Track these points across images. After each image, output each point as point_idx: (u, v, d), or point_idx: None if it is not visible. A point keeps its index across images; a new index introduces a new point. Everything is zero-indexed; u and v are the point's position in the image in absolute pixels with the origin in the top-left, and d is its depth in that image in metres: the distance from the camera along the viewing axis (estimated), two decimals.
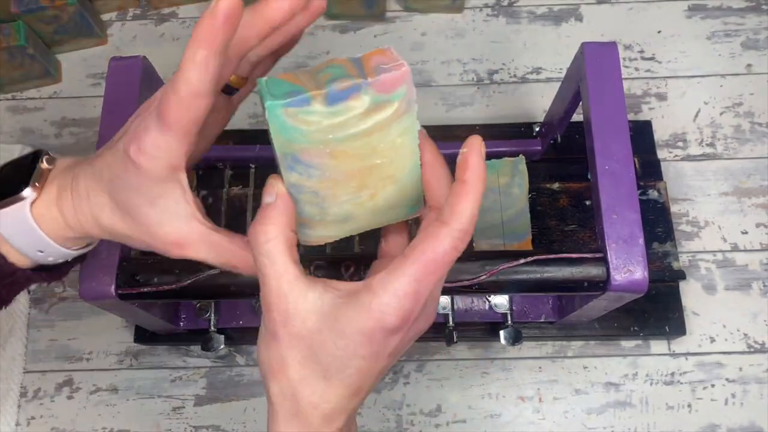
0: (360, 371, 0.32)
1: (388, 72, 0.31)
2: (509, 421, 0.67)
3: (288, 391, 0.33)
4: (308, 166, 0.33)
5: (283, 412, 0.33)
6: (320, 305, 0.32)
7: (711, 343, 0.69)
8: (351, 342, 0.31)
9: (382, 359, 0.32)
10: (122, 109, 0.52)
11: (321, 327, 0.31)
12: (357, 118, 0.32)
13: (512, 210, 0.68)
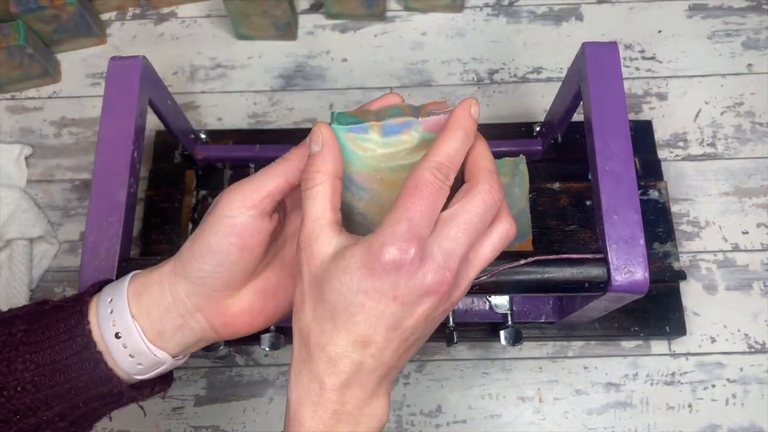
0: (364, 311, 0.33)
1: (437, 114, 0.36)
2: (509, 421, 0.67)
3: (304, 331, 0.34)
4: (360, 188, 0.37)
5: (297, 354, 0.35)
6: (337, 248, 0.34)
7: (711, 343, 0.69)
8: (353, 276, 0.32)
9: (386, 300, 0.32)
10: (122, 109, 0.52)
11: (330, 266, 0.33)
12: (407, 152, 0.36)
13: (513, 210, 0.68)
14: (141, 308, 0.37)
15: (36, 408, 0.35)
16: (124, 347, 0.36)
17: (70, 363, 0.35)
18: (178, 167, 0.72)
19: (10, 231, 0.70)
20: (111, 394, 0.37)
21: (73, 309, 0.37)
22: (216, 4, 0.84)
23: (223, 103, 0.79)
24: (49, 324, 0.36)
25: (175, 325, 0.37)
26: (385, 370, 0.34)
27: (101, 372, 0.36)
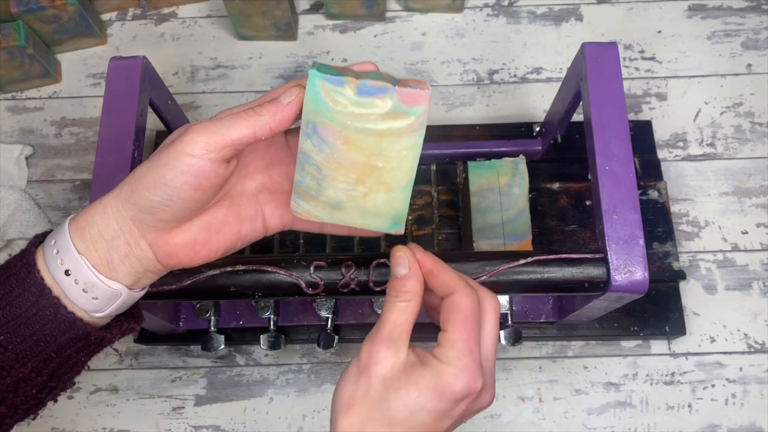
0: (423, 426, 0.36)
1: (413, 89, 0.36)
2: (509, 421, 0.67)
3: (356, 428, 0.36)
4: (322, 141, 0.37)
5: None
6: (406, 362, 0.37)
7: (711, 343, 0.69)
8: (422, 396, 0.36)
9: (445, 420, 0.36)
10: (122, 109, 0.52)
11: (401, 378, 0.36)
12: (376, 117, 0.36)
13: (512, 210, 0.68)
14: (86, 242, 0.37)
15: (9, 367, 0.36)
16: (76, 283, 0.36)
17: (30, 315, 0.36)
18: None
19: (11, 231, 0.70)
20: (79, 338, 0.37)
21: (21, 262, 0.37)
22: (216, 4, 0.84)
23: (223, 103, 0.79)
24: (0, 282, 0.36)
25: (122, 253, 0.37)
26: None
27: (62, 316, 0.36)
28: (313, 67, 0.36)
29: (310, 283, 0.47)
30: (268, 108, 0.37)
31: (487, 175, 0.67)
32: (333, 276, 0.47)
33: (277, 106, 0.37)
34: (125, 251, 0.37)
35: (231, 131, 0.36)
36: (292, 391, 0.68)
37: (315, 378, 0.69)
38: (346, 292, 0.47)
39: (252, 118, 0.36)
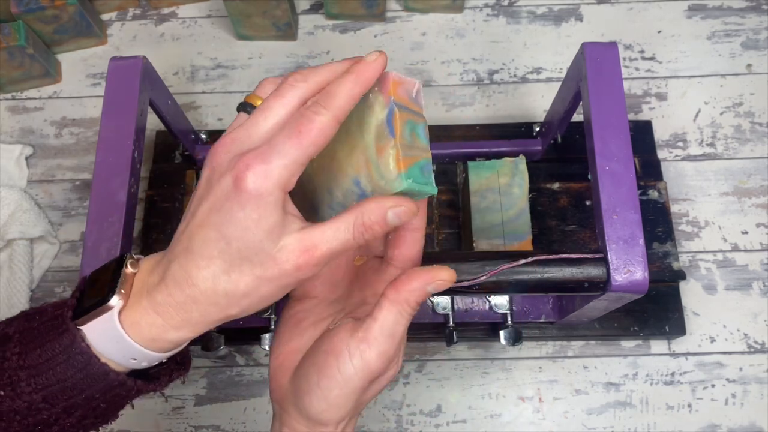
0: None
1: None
2: (509, 421, 0.67)
3: None
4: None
5: None
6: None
7: (711, 343, 0.69)
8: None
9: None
10: (122, 109, 0.52)
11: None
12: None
13: (512, 210, 0.68)
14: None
15: (57, 418, 0.35)
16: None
17: (77, 379, 0.34)
18: (178, 167, 0.73)
19: (11, 231, 0.70)
20: (127, 392, 0.36)
21: (61, 328, 0.35)
22: (216, 4, 0.84)
23: (223, 103, 0.79)
24: (42, 345, 0.34)
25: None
26: None
27: (112, 380, 0.35)
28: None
29: None
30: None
31: (487, 175, 0.67)
32: None
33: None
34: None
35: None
36: None
37: None
38: None
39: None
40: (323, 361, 0.36)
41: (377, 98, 0.34)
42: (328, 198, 0.37)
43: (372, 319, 0.35)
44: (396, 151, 0.33)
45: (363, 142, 0.35)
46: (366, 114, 0.34)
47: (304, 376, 0.37)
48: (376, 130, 0.34)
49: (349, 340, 0.35)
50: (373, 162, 0.34)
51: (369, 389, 0.36)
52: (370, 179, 0.34)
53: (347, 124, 0.35)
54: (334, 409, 0.36)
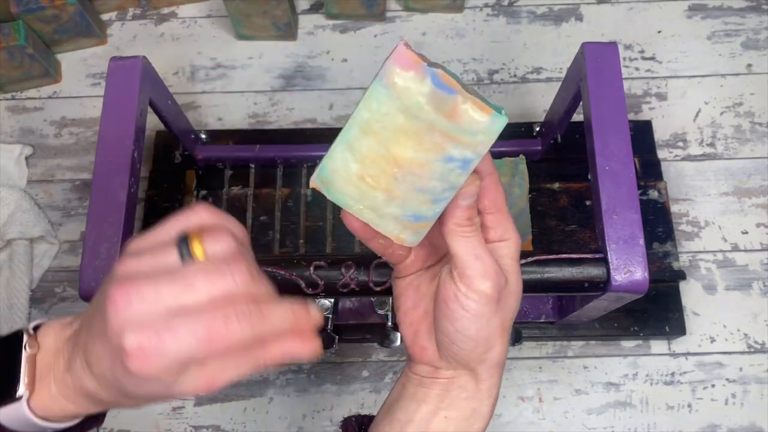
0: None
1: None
2: (509, 421, 0.67)
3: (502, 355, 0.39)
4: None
5: None
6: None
7: (711, 343, 0.69)
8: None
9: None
10: (122, 109, 0.52)
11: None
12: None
13: (512, 210, 0.68)
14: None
15: None
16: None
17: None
18: (178, 167, 0.73)
19: (11, 231, 0.70)
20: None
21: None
22: (216, 4, 0.84)
23: (223, 103, 0.79)
24: None
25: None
26: None
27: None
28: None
29: (310, 282, 0.47)
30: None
31: None
32: (333, 276, 0.47)
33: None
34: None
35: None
36: (292, 391, 0.68)
37: (315, 378, 0.69)
38: (346, 292, 0.47)
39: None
40: (449, 310, 0.37)
41: (405, 76, 0.32)
42: (424, 196, 0.35)
43: (453, 256, 0.36)
44: (471, 102, 0.32)
45: (425, 124, 0.33)
46: (405, 98, 0.32)
47: (442, 330, 0.38)
48: (431, 101, 0.32)
49: (452, 281, 0.36)
50: (453, 128, 0.33)
51: (501, 309, 0.37)
52: (462, 144, 0.33)
53: (387, 127, 0.33)
54: (483, 343, 0.37)
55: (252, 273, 0.31)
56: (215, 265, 0.31)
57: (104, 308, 0.30)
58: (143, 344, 0.29)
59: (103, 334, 0.30)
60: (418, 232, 0.37)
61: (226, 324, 0.30)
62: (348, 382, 0.68)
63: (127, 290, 0.30)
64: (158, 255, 0.31)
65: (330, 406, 0.68)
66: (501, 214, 0.37)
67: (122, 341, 0.29)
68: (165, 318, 0.30)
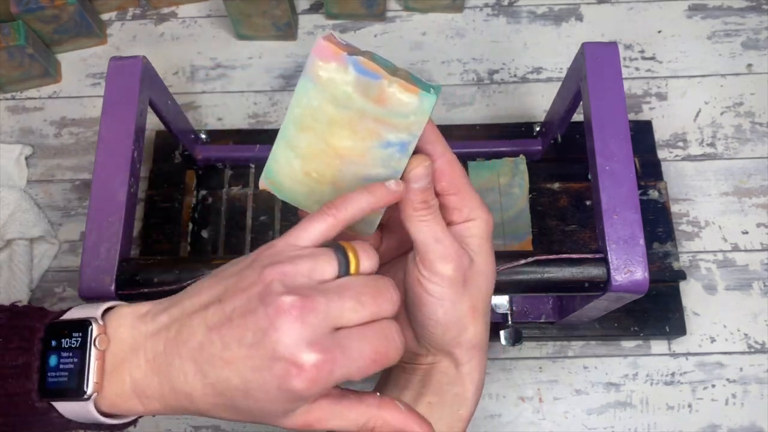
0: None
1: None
2: (509, 421, 0.67)
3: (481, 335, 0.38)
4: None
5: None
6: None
7: (711, 343, 0.69)
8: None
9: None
10: (122, 109, 0.52)
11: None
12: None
13: (512, 210, 0.68)
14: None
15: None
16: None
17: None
18: (178, 167, 0.73)
19: (11, 231, 0.70)
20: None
21: (25, 406, 0.33)
22: (216, 4, 0.84)
23: (223, 103, 0.79)
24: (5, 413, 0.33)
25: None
26: None
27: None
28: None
29: None
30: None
31: (487, 175, 0.67)
32: None
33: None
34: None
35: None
36: None
37: None
38: None
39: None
40: (414, 296, 0.36)
41: (328, 68, 0.32)
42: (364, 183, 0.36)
43: (414, 241, 0.36)
44: (397, 84, 0.32)
45: (355, 112, 0.33)
46: (332, 90, 0.33)
47: (411, 316, 0.37)
48: (357, 89, 0.33)
49: (415, 266, 0.36)
50: (384, 113, 0.33)
51: (468, 291, 0.36)
52: (395, 127, 0.33)
53: (319, 120, 0.34)
54: (454, 327, 0.36)
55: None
56: (377, 285, 0.31)
57: (269, 318, 0.29)
58: (319, 362, 0.29)
59: (255, 343, 0.29)
60: (371, 221, 0.37)
61: (387, 344, 0.30)
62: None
63: (303, 303, 0.29)
64: (317, 263, 0.31)
65: None
66: (463, 194, 0.36)
67: (297, 357, 0.28)
68: (333, 335, 0.30)
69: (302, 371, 0.29)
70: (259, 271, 0.31)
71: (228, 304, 0.31)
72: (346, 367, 0.30)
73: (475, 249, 0.37)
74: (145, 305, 0.34)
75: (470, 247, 0.37)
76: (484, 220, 0.37)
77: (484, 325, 0.37)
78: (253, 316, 0.29)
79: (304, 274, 0.31)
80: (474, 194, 0.37)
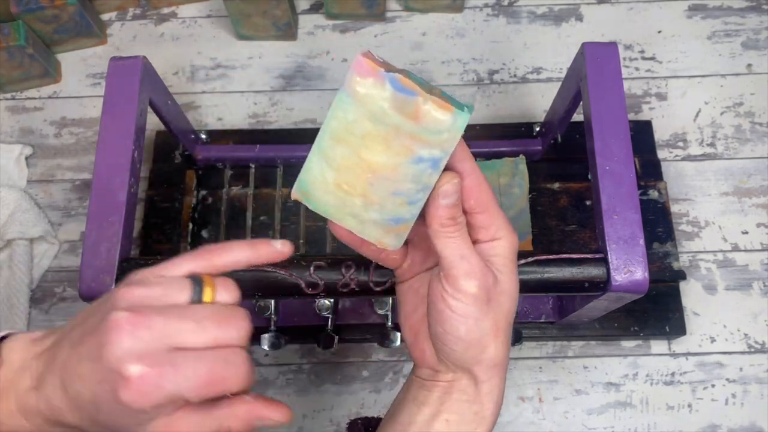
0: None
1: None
2: (509, 421, 0.67)
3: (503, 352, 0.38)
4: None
5: None
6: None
7: (711, 343, 0.69)
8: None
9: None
10: (122, 109, 0.52)
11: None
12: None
13: (512, 210, 0.68)
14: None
15: None
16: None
17: None
18: (178, 167, 0.73)
19: (11, 231, 0.70)
20: None
21: None
22: (216, 4, 0.84)
23: (223, 103, 0.79)
24: None
25: None
26: None
27: None
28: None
29: (310, 283, 0.47)
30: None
31: (487, 175, 0.67)
32: (333, 276, 0.47)
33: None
34: None
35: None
36: (292, 391, 0.68)
37: (315, 378, 0.69)
38: (346, 292, 0.47)
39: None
40: (437, 312, 0.37)
41: (365, 83, 0.33)
42: (400, 199, 0.36)
43: (440, 257, 0.36)
44: (432, 101, 0.33)
45: (390, 127, 0.33)
46: (368, 105, 0.33)
47: (433, 332, 0.38)
48: (393, 105, 0.33)
49: (439, 281, 0.36)
50: (418, 129, 0.33)
51: (492, 309, 0.36)
52: (429, 144, 0.34)
53: (354, 134, 0.34)
54: (475, 345, 0.37)
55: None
56: (224, 312, 0.32)
57: (104, 332, 0.30)
58: (145, 375, 0.29)
59: (96, 357, 0.30)
60: (399, 235, 0.37)
61: (226, 369, 0.31)
62: (348, 382, 0.68)
63: (135, 319, 0.30)
64: (169, 289, 0.32)
65: (330, 406, 0.68)
66: (490, 213, 0.37)
67: (123, 369, 0.29)
68: (168, 353, 0.30)
69: (129, 383, 0.29)
70: (115, 292, 0.32)
71: (88, 323, 0.32)
72: (176, 383, 0.30)
73: (499, 268, 0.37)
74: (41, 331, 0.36)
75: (495, 266, 0.37)
76: (510, 241, 0.37)
77: (506, 344, 0.38)
78: (97, 332, 0.31)
79: (154, 297, 0.32)
80: (501, 214, 0.37)
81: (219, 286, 0.33)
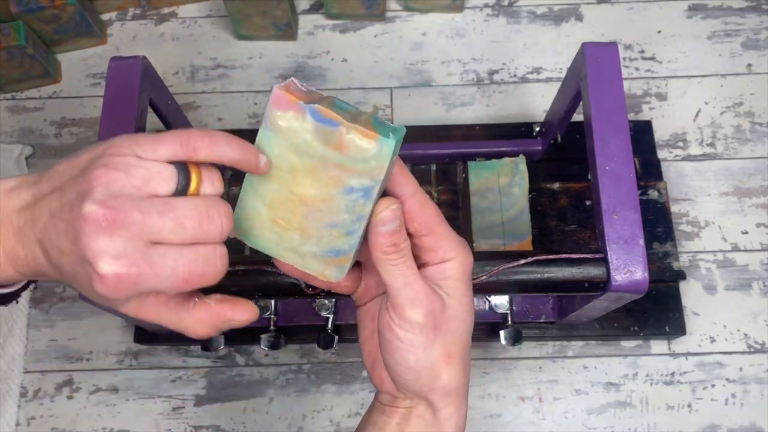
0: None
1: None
2: (509, 421, 0.67)
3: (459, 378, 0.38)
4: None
5: None
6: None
7: (711, 343, 0.69)
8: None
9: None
10: (122, 109, 0.52)
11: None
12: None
13: (512, 210, 0.68)
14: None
15: None
16: None
17: None
18: None
19: None
20: None
21: None
22: (216, 4, 0.84)
23: (223, 103, 0.79)
24: None
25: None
26: None
27: None
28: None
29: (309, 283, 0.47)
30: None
31: (487, 175, 0.67)
32: None
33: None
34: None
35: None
36: (292, 391, 0.68)
37: (315, 378, 0.69)
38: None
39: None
40: (385, 341, 0.36)
41: (286, 117, 0.32)
42: (336, 230, 0.35)
43: (385, 285, 0.35)
44: (355, 131, 0.32)
45: (317, 159, 0.33)
46: (292, 138, 0.33)
47: (386, 363, 0.37)
48: (317, 137, 0.32)
49: (387, 311, 0.35)
50: (345, 160, 0.33)
51: (441, 336, 0.35)
52: (357, 173, 0.33)
53: (282, 168, 0.34)
54: (426, 373, 0.36)
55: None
56: (206, 209, 0.31)
57: (80, 222, 0.29)
58: (120, 273, 0.29)
59: (73, 240, 0.30)
60: (340, 267, 0.36)
61: (204, 267, 0.31)
62: (348, 382, 0.68)
63: (113, 216, 0.29)
64: (151, 179, 0.30)
65: (330, 406, 0.68)
66: (436, 235, 0.35)
67: (98, 266, 0.29)
68: (146, 250, 0.30)
69: (103, 279, 0.29)
70: (93, 168, 0.31)
71: (65, 193, 0.32)
72: (153, 281, 0.30)
73: (449, 292, 0.36)
74: (13, 180, 0.35)
75: (444, 289, 0.36)
76: (460, 261, 0.36)
77: (462, 370, 0.37)
78: (72, 216, 0.30)
79: (135, 185, 0.30)
80: (450, 234, 0.36)
81: (205, 175, 0.32)
